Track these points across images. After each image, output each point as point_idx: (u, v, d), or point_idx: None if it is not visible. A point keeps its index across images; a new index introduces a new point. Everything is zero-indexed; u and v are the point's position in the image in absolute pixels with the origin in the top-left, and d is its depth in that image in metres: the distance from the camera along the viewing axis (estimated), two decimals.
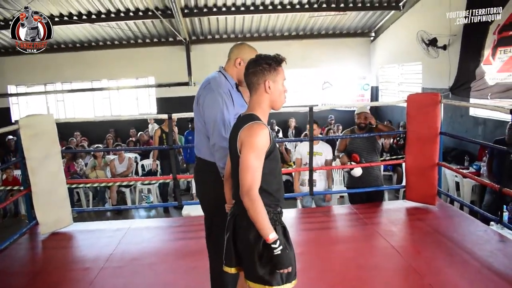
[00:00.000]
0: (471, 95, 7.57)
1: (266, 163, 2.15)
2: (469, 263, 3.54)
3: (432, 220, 4.55)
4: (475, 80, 7.43)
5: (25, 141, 4.32)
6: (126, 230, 4.62)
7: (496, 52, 6.95)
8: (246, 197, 2.07)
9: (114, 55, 12.66)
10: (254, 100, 2.23)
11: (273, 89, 2.20)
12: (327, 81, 13.11)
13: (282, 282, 2.18)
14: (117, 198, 8.18)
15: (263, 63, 2.18)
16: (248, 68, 2.22)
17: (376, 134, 5.14)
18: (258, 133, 2.09)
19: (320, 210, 5.23)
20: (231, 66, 2.77)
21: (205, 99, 2.67)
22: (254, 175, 2.08)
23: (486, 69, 7.18)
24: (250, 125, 2.12)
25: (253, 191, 2.06)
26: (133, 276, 3.58)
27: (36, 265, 4.02)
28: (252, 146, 2.08)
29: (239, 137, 2.14)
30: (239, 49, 2.79)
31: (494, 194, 5.53)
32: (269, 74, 2.18)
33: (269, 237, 2.07)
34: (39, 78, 12.74)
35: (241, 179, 2.09)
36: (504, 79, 6.76)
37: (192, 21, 11.53)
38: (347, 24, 12.37)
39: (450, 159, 7.98)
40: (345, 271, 3.53)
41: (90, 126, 11.81)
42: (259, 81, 2.19)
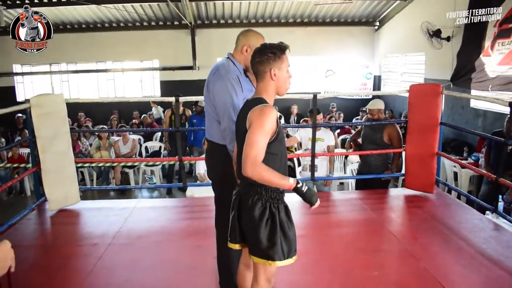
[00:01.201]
0: (472, 86, 7.63)
1: (273, 145, 2.26)
2: (464, 249, 3.66)
3: (430, 207, 4.68)
4: (475, 71, 7.50)
5: (36, 120, 4.40)
6: (132, 209, 4.74)
7: (494, 44, 7.02)
8: (251, 168, 2.16)
9: (120, 37, 12.69)
10: (261, 87, 2.34)
11: (278, 76, 2.30)
12: (330, 69, 13.12)
13: (284, 257, 2.30)
14: (120, 178, 8.32)
15: (268, 52, 2.28)
16: (254, 57, 2.32)
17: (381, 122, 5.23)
18: (268, 115, 2.19)
19: (322, 195, 5.35)
20: (238, 52, 2.85)
21: (215, 86, 2.75)
22: (259, 150, 2.18)
23: (486, 60, 7.25)
24: (261, 106, 2.23)
25: (257, 161, 2.16)
26: (139, 253, 3.71)
27: (46, 239, 4.19)
28: (261, 125, 2.18)
29: (248, 117, 2.24)
30: (246, 36, 2.86)
31: (490, 185, 5.65)
32: (274, 63, 2.28)
33: (291, 184, 2.22)
34: (44, 58, 12.74)
35: (246, 154, 2.18)
36: (504, 72, 6.82)
37: (198, 5, 11.53)
38: (351, 12, 12.38)
39: (450, 149, 8.08)
40: (344, 253, 3.66)
41: (94, 107, 11.90)
42: (265, 69, 2.29)
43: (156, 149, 9.16)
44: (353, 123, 7.91)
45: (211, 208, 3.00)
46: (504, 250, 3.62)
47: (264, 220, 2.27)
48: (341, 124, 9.94)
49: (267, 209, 2.29)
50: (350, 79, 13.02)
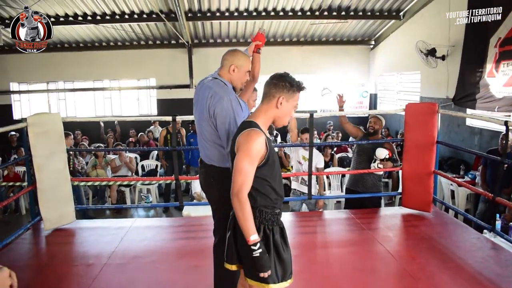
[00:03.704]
0: (477, 107, 7.62)
1: (265, 168, 2.27)
2: (462, 269, 3.64)
3: (427, 226, 4.66)
4: (479, 92, 7.52)
5: (32, 139, 4.39)
6: (128, 228, 4.71)
7: (499, 66, 7.05)
8: (235, 198, 2.19)
9: (117, 56, 12.77)
10: (263, 108, 2.36)
11: (283, 106, 2.34)
12: (326, 88, 13.20)
13: (278, 280, 2.28)
14: (116, 197, 8.27)
15: (287, 81, 2.33)
16: (273, 79, 2.35)
17: (377, 141, 5.24)
18: (254, 140, 2.20)
19: (317, 214, 5.33)
20: (226, 72, 2.85)
21: (216, 109, 2.70)
22: (245, 178, 2.19)
23: (490, 81, 7.28)
24: (248, 131, 2.24)
25: (242, 193, 2.18)
26: (135, 273, 3.67)
27: (41, 259, 4.13)
28: (247, 151, 2.19)
29: (237, 141, 2.26)
30: (233, 56, 2.87)
31: (487, 203, 5.65)
32: (287, 93, 2.33)
33: (250, 238, 2.18)
34: (41, 77, 12.85)
35: (233, 181, 2.21)
36: (511, 93, 6.86)
37: (195, 24, 11.65)
38: (347, 32, 12.51)
39: (446, 167, 8.11)
40: (341, 274, 3.63)
41: (90, 125, 11.90)
42: (275, 94, 2.32)
43: (153, 167, 9.14)
44: (350, 142, 7.91)
45: (208, 228, 2.98)
46: (503, 270, 3.61)
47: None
48: (338, 143, 9.95)
49: (261, 231, 2.28)
50: (346, 97, 13.02)
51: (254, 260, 2.19)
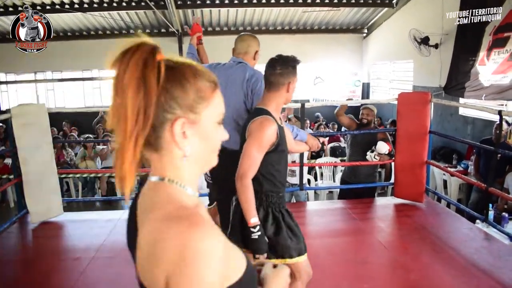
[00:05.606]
0: (465, 95, 7.60)
1: (273, 155, 2.26)
2: (454, 259, 3.61)
3: (420, 217, 4.63)
4: (469, 80, 7.48)
5: (17, 130, 4.30)
6: (116, 221, 4.62)
7: (491, 54, 7.01)
8: (239, 181, 2.18)
9: (106, 45, 12.28)
10: (272, 97, 2.31)
11: (292, 88, 2.32)
12: (318, 76, 13.15)
13: (296, 255, 2.34)
14: (106, 188, 8.18)
15: (290, 65, 2.28)
16: (275, 68, 2.27)
17: (370, 131, 5.19)
18: (267, 128, 2.19)
19: (309, 204, 5.29)
20: (251, 58, 2.82)
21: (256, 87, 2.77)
22: (252, 164, 2.18)
23: (481, 70, 7.24)
24: (261, 119, 2.22)
25: (246, 177, 2.17)
26: (123, 267, 3.57)
27: (27, 253, 4.05)
28: (258, 139, 2.18)
29: (248, 128, 2.24)
30: (256, 42, 2.87)
31: (480, 193, 5.63)
32: (293, 76, 2.30)
33: (251, 221, 2.18)
34: (29, 66, 12.60)
35: (240, 163, 2.20)
36: (498, 80, 6.82)
37: (185, 12, 11.47)
38: (340, 20, 12.41)
39: (439, 157, 8.08)
40: (332, 265, 3.58)
41: (79, 116, 11.75)
42: (284, 82, 2.27)
43: None
44: (343, 132, 7.87)
45: None
46: (496, 260, 3.57)
47: (269, 224, 2.28)
48: (332, 133, 9.89)
49: (270, 214, 2.30)
50: (339, 86, 13.04)
51: (252, 242, 2.20)
